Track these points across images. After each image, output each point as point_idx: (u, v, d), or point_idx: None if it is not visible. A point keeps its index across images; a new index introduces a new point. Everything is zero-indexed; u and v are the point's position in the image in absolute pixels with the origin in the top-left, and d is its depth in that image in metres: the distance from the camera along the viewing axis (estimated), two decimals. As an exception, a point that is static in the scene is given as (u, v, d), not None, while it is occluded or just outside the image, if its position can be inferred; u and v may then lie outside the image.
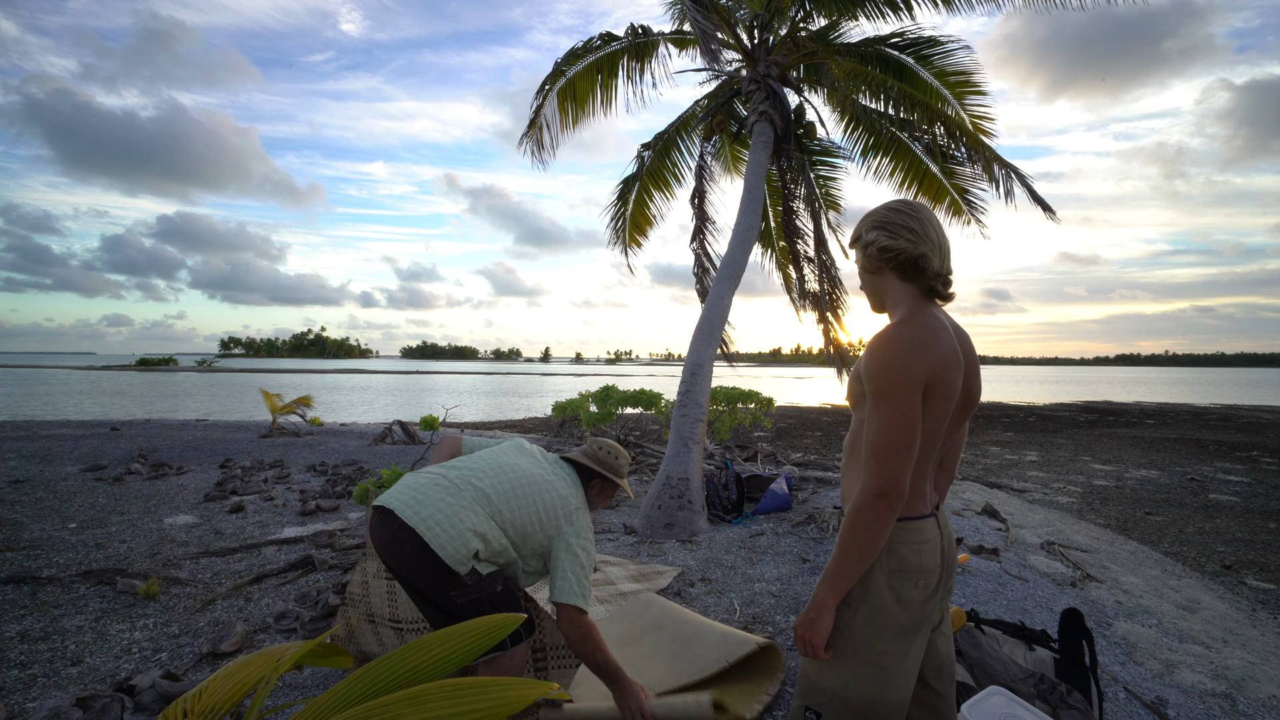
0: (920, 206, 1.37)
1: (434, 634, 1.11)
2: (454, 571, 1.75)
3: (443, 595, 1.75)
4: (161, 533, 4.73)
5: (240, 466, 7.67)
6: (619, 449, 2.25)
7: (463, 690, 0.92)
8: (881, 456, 1.22)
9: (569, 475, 2.13)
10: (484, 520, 1.85)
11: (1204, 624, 3.62)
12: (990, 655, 2.26)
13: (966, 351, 1.36)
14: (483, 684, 0.94)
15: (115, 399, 25.41)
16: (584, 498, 2.10)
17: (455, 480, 1.91)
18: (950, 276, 1.36)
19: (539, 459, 2.14)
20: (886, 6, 6.25)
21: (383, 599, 2.41)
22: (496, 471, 1.98)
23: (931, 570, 1.32)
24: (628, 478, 7.14)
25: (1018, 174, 5.56)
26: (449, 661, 1.05)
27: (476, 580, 1.79)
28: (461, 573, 1.76)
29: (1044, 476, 9.37)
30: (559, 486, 2.03)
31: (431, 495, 1.85)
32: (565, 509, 1.99)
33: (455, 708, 0.89)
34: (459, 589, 1.76)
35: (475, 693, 0.92)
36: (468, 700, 0.91)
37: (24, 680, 2.56)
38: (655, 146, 7.92)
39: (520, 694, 0.94)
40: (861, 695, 1.29)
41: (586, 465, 2.19)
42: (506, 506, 1.91)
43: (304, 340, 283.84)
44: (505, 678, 0.98)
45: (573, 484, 2.10)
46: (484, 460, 2.03)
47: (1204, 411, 23.43)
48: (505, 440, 2.29)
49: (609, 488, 2.23)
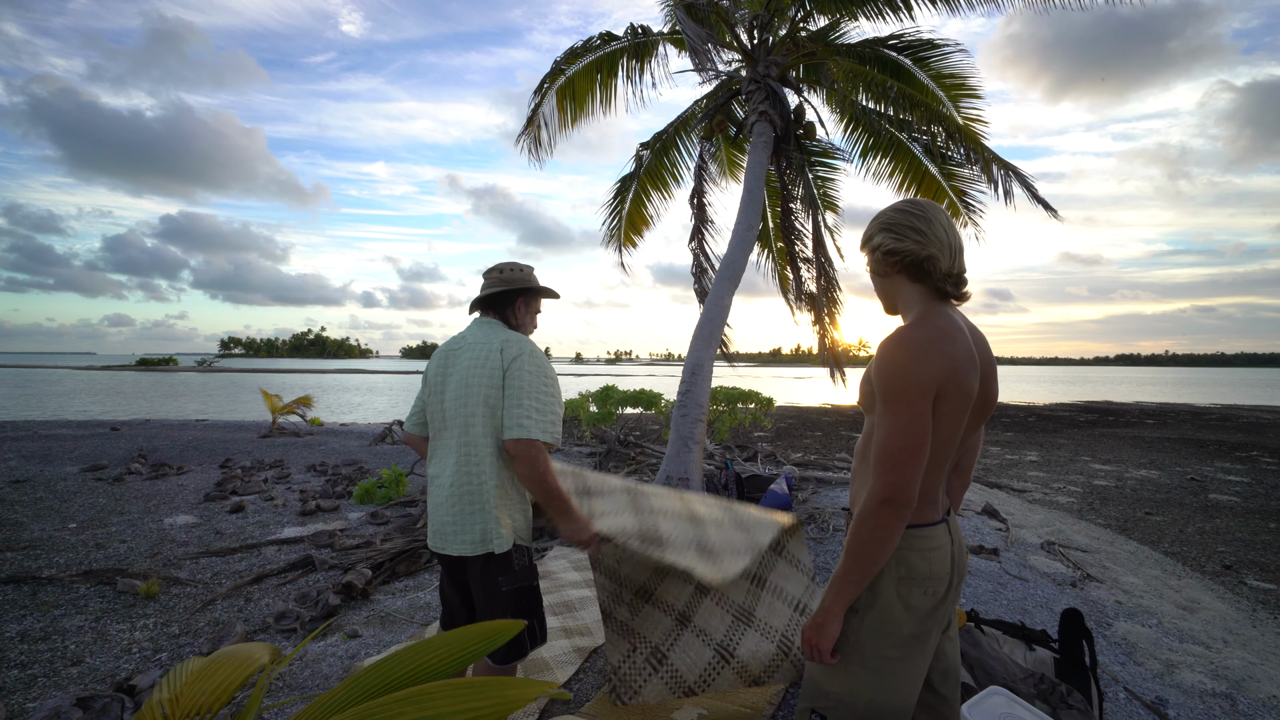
0: (929, 205, 1.33)
1: (435, 636, 1.12)
2: (501, 556, 1.84)
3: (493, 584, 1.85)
4: (161, 533, 4.73)
5: (240, 466, 7.67)
6: (515, 263, 2.14)
7: (463, 690, 0.93)
8: (890, 463, 1.19)
9: (484, 326, 2.02)
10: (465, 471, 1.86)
11: (1204, 624, 3.62)
12: (990, 655, 2.26)
13: (982, 353, 1.33)
14: (483, 684, 0.95)
15: (115, 399, 25.40)
16: (510, 331, 2.01)
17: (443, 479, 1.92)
18: (963, 276, 1.32)
19: (457, 355, 2.01)
20: (886, 7, 6.25)
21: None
22: (437, 419, 1.96)
23: (941, 578, 1.30)
24: (625, 478, 7.12)
25: (1018, 174, 5.55)
26: (450, 663, 1.05)
27: (522, 566, 1.88)
28: (499, 551, 1.83)
29: (1044, 476, 9.37)
30: (475, 349, 1.94)
31: (444, 513, 1.89)
32: (490, 356, 1.90)
33: (456, 706, 0.90)
34: (506, 574, 1.85)
35: (476, 692, 0.92)
36: (468, 699, 0.91)
37: (24, 680, 2.56)
38: (654, 146, 7.92)
39: (521, 693, 0.94)
40: (867, 701, 1.28)
41: (499, 294, 2.07)
42: (458, 423, 1.89)
43: (304, 340, 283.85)
44: (506, 678, 0.98)
45: (489, 327, 2.00)
46: (435, 423, 1.99)
47: (1204, 411, 23.43)
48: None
49: (531, 300, 2.13)
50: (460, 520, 1.85)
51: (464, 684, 0.94)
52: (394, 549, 4.11)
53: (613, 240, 8.54)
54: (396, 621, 3.19)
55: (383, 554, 4.04)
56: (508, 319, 2.09)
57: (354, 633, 3.05)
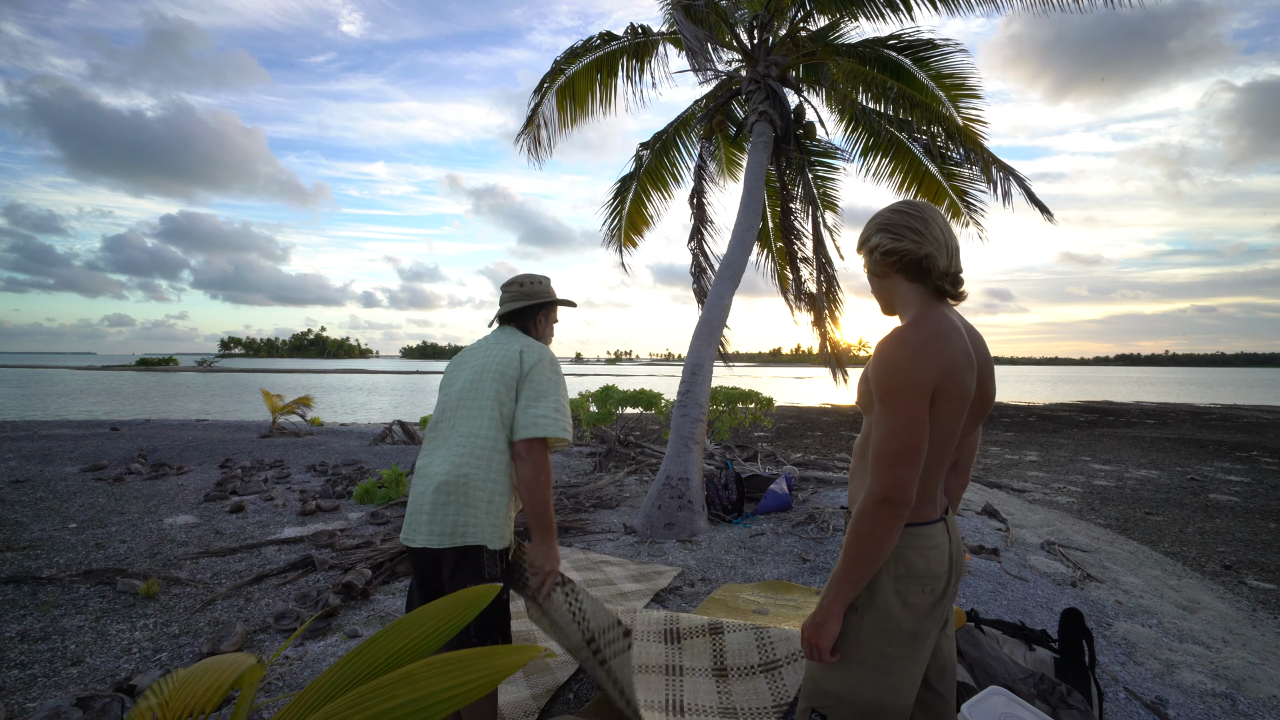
0: (925, 206, 1.35)
1: (411, 614, 1.11)
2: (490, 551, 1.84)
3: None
4: (161, 533, 4.73)
5: (240, 466, 7.67)
6: (534, 275, 2.18)
7: (452, 665, 0.93)
8: (887, 462, 1.20)
9: (504, 336, 2.04)
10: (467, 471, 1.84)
11: (1204, 624, 3.62)
12: (990, 655, 2.26)
13: (980, 352, 1.34)
14: (471, 656, 0.95)
15: (115, 399, 25.41)
16: (529, 338, 2.04)
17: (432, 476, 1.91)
18: (960, 275, 1.34)
19: (473, 354, 2.04)
20: (886, 7, 6.25)
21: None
22: (445, 426, 1.95)
23: (939, 576, 1.31)
24: (627, 476, 7.13)
25: (1015, 176, 5.56)
26: (434, 638, 1.05)
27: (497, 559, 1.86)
28: (494, 548, 1.83)
29: (1044, 476, 9.37)
30: (493, 350, 1.97)
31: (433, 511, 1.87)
32: (509, 360, 1.93)
33: (448, 681, 0.90)
34: (477, 581, 1.81)
35: (465, 666, 0.92)
36: (458, 674, 0.91)
37: (24, 680, 2.56)
38: (654, 146, 7.92)
39: (509, 661, 0.94)
40: (866, 700, 1.28)
41: (521, 308, 2.10)
42: (467, 429, 1.88)
43: (304, 340, 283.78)
44: (494, 647, 0.98)
45: (509, 334, 2.04)
46: (444, 422, 1.98)
47: (1204, 411, 23.43)
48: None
49: (550, 312, 2.18)
50: (435, 510, 1.81)
51: (452, 658, 0.94)
52: (394, 549, 4.11)
53: (613, 240, 8.54)
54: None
55: (383, 554, 4.04)
56: (529, 330, 2.12)
57: (354, 633, 3.05)
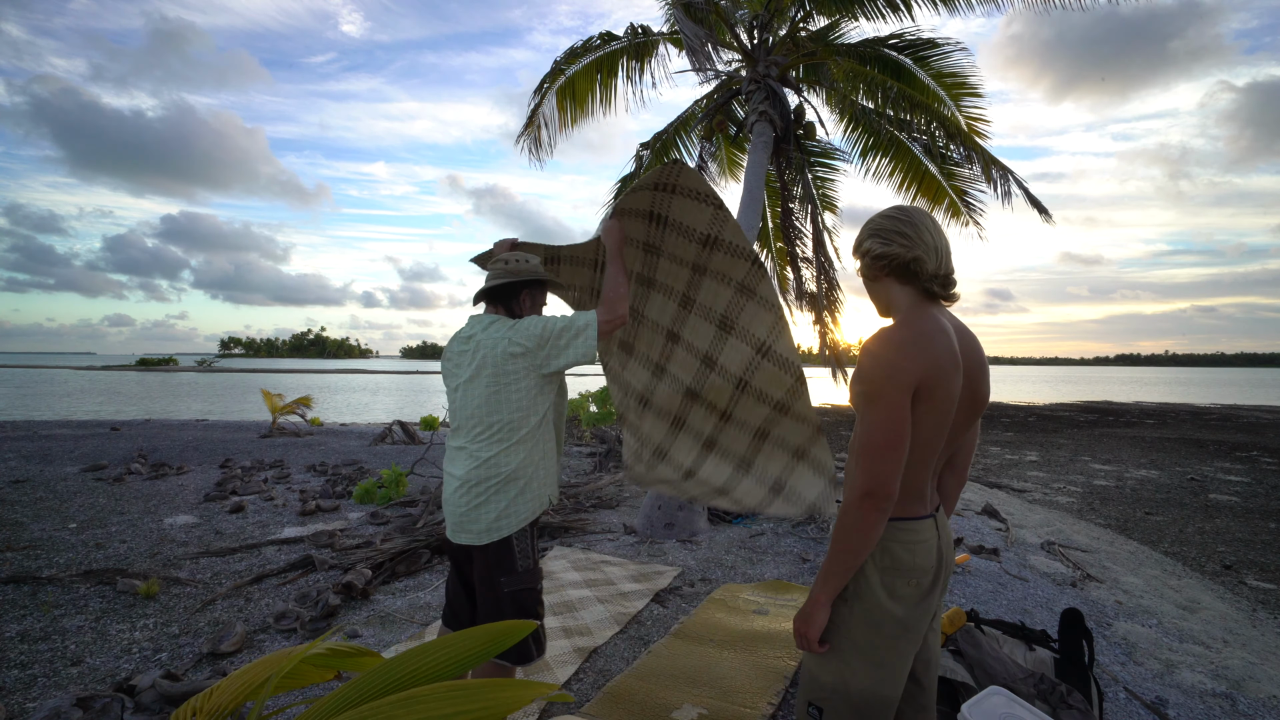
0: (914, 210, 1.38)
1: (442, 638, 1.11)
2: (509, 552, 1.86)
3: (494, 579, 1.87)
4: (161, 533, 4.73)
5: (240, 466, 7.67)
6: (523, 253, 2.02)
7: (456, 692, 0.92)
8: (869, 456, 1.24)
9: (489, 323, 1.93)
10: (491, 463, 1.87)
11: (1204, 624, 3.62)
12: (990, 655, 2.26)
13: (972, 352, 1.36)
14: (477, 686, 0.94)
15: (115, 399, 25.41)
16: (511, 320, 1.93)
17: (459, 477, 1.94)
18: (951, 277, 1.37)
19: (465, 357, 1.96)
20: (886, 7, 6.24)
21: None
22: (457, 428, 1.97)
23: (925, 570, 1.34)
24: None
25: (1014, 176, 5.57)
26: (455, 665, 1.04)
27: (526, 569, 1.89)
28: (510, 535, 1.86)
29: (1044, 476, 9.37)
30: (480, 350, 1.88)
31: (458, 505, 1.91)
32: (498, 347, 1.85)
33: (449, 709, 0.89)
34: (509, 575, 1.86)
35: (469, 695, 0.92)
36: (460, 702, 0.90)
37: (24, 680, 2.56)
38: (654, 146, 7.91)
39: (517, 695, 0.94)
40: (860, 690, 1.32)
41: (503, 285, 1.96)
42: (482, 422, 1.88)
43: (304, 340, 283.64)
44: (501, 679, 0.97)
45: (494, 325, 1.92)
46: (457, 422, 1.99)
47: (1204, 411, 23.43)
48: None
49: (537, 293, 2.03)
50: (460, 510, 1.88)
51: (457, 686, 0.93)
52: (394, 549, 4.11)
53: (612, 240, 8.53)
54: (396, 622, 3.20)
55: (383, 554, 4.04)
56: (513, 312, 1.98)
57: (354, 633, 3.05)
